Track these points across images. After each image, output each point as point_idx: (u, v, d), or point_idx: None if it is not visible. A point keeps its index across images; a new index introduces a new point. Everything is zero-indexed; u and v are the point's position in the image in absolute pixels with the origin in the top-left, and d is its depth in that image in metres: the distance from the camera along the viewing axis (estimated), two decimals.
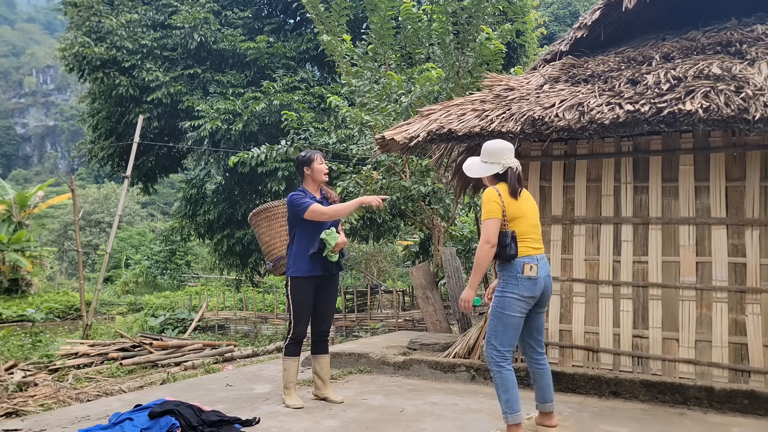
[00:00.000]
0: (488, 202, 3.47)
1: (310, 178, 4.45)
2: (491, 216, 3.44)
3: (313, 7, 8.90)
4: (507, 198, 3.50)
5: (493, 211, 3.44)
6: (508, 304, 3.44)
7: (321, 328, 4.53)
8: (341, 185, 8.52)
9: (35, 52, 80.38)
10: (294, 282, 4.33)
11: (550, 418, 3.69)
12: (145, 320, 14.36)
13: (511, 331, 3.47)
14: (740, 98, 4.04)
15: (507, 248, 3.42)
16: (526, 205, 3.59)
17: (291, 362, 4.39)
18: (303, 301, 4.34)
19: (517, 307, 3.44)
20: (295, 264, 4.34)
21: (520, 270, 3.44)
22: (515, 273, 3.45)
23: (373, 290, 15.00)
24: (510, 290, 3.45)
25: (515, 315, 3.45)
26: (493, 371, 3.49)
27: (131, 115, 15.26)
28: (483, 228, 3.46)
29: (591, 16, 5.83)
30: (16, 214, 21.91)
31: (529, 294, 3.46)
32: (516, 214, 3.50)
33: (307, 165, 4.44)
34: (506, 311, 3.45)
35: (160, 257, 27.32)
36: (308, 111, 13.27)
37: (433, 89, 7.81)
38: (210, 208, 15.91)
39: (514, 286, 3.45)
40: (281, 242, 4.49)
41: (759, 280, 4.51)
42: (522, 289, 3.44)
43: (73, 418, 4.18)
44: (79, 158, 36.21)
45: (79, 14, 15.36)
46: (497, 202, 3.46)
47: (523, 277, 3.44)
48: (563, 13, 29.03)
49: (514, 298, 3.44)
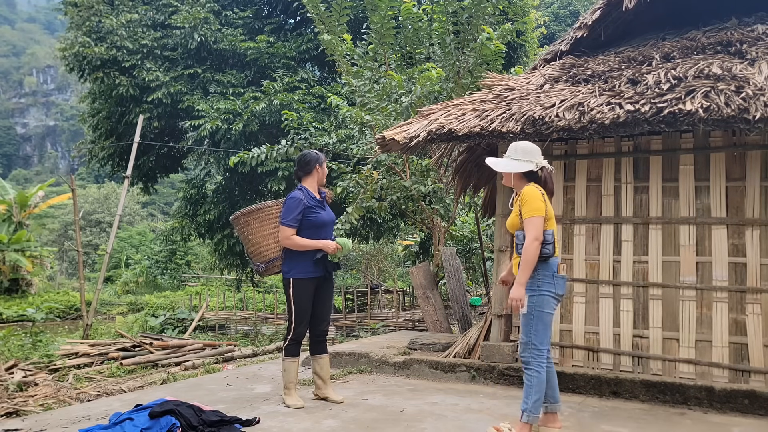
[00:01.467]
0: (534, 200, 3.49)
1: (315, 178, 4.47)
2: (539, 214, 3.47)
3: (314, 7, 8.90)
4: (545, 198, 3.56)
5: (540, 209, 3.48)
6: (546, 302, 3.51)
7: (320, 328, 4.53)
8: (341, 185, 8.52)
9: (35, 52, 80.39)
10: (297, 283, 4.32)
11: (555, 420, 3.71)
12: (146, 320, 14.37)
13: (549, 329, 3.56)
14: (740, 98, 4.04)
15: (550, 246, 3.49)
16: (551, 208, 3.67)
17: (291, 363, 4.39)
18: (305, 301, 4.34)
19: (553, 305, 3.55)
20: (299, 265, 4.33)
21: (555, 269, 3.53)
22: (552, 272, 3.52)
23: (373, 290, 15.00)
24: (547, 289, 3.51)
25: (551, 312, 3.55)
26: (531, 372, 3.50)
27: (131, 115, 15.25)
28: (531, 225, 3.45)
29: (591, 16, 5.83)
30: (16, 214, 21.92)
31: (562, 292, 3.58)
32: (551, 214, 3.57)
33: (320, 164, 4.50)
34: (545, 309, 3.52)
35: (160, 257, 27.32)
36: (308, 111, 13.27)
37: (434, 89, 7.80)
38: (210, 207, 15.91)
39: (550, 284, 3.52)
40: (275, 243, 4.45)
41: (759, 280, 4.51)
42: (558, 287, 3.54)
43: (74, 417, 4.18)
44: (80, 158, 36.19)
45: (79, 14, 15.34)
46: (542, 200, 3.50)
47: (558, 276, 3.54)
48: (563, 13, 29.03)
49: (551, 296, 3.52)
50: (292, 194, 4.38)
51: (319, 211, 4.39)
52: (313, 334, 4.54)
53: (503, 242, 5.42)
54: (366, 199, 8.15)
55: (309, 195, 4.38)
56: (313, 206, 4.36)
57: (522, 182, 3.62)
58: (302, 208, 4.29)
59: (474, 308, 9.69)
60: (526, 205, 3.50)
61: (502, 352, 5.19)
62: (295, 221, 4.26)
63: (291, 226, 4.26)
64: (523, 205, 3.52)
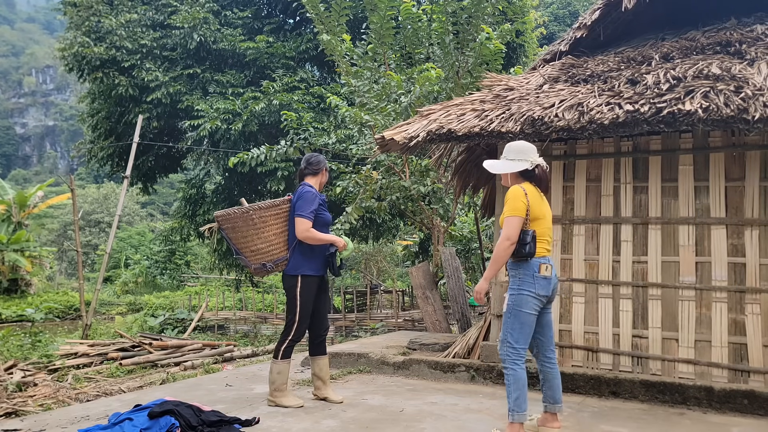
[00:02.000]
0: (514, 199, 3.50)
1: (318, 180, 4.48)
2: (516, 214, 3.48)
3: (313, 7, 8.90)
4: (532, 198, 3.54)
5: (518, 209, 3.48)
6: (525, 301, 3.50)
7: (321, 329, 4.51)
8: (341, 185, 8.52)
9: (35, 52, 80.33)
10: (305, 281, 4.28)
11: (555, 420, 3.71)
12: (145, 320, 14.37)
13: (527, 329, 3.53)
14: (740, 98, 4.04)
15: (527, 247, 3.47)
16: (546, 208, 3.65)
17: (286, 365, 4.34)
18: (309, 300, 4.31)
19: (532, 305, 3.52)
20: (309, 261, 4.29)
21: (536, 269, 3.51)
22: (532, 272, 3.51)
23: (373, 290, 15.01)
24: (526, 288, 3.51)
25: (530, 313, 3.52)
26: (507, 369, 3.52)
27: (131, 115, 15.25)
28: (506, 224, 3.49)
29: (590, 16, 5.84)
30: (15, 214, 21.90)
31: (544, 293, 3.54)
32: (538, 215, 3.55)
33: (325, 168, 4.53)
34: (523, 309, 3.51)
35: (159, 257, 27.31)
36: (308, 111, 13.27)
37: (433, 89, 7.81)
38: (210, 208, 15.90)
39: (530, 284, 3.51)
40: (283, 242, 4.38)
41: (758, 280, 4.51)
42: (538, 287, 3.51)
43: (73, 418, 4.18)
44: (79, 158, 36.21)
45: (78, 14, 15.34)
46: (523, 201, 3.50)
47: (539, 276, 3.51)
48: (563, 13, 29.02)
49: (530, 295, 3.51)
50: (306, 188, 4.33)
51: (326, 209, 4.42)
52: (314, 335, 4.51)
53: None
54: (365, 199, 8.15)
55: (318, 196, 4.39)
56: (323, 203, 4.39)
57: (518, 181, 3.63)
58: (318, 202, 4.30)
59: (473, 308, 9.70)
60: (506, 205, 3.54)
61: None
62: (313, 214, 4.23)
63: (309, 218, 4.20)
64: (505, 204, 3.57)
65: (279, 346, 4.33)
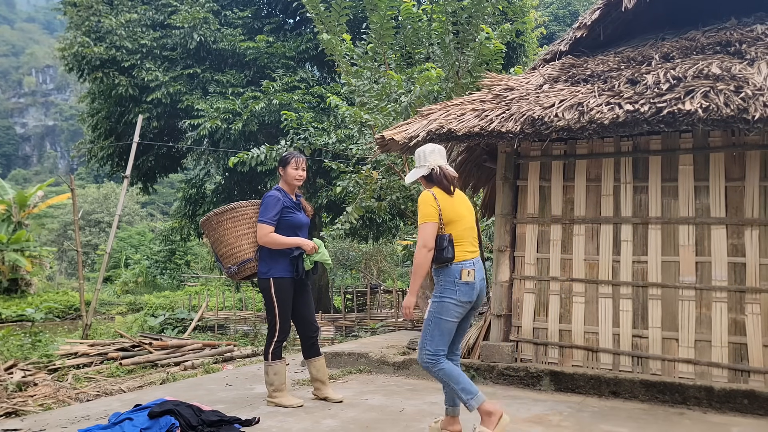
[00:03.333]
0: (423, 205, 3.43)
1: (283, 180, 4.47)
2: (427, 220, 3.39)
3: (313, 7, 8.89)
4: (443, 201, 3.46)
5: (429, 215, 3.39)
6: (447, 309, 3.40)
7: (310, 330, 4.54)
8: (341, 185, 8.52)
9: (35, 52, 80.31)
10: (278, 282, 4.32)
11: (456, 423, 3.61)
12: (145, 320, 14.36)
13: (446, 336, 3.44)
14: (740, 98, 4.04)
15: (444, 251, 3.36)
16: (462, 208, 3.56)
17: (280, 365, 4.38)
18: (287, 300, 4.34)
19: (454, 313, 3.41)
20: (277, 264, 4.32)
21: (458, 275, 3.39)
22: (453, 278, 3.40)
23: (373, 290, 15.00)
24: (448, 296, 3.40)
25: (451, 320, 3.42)
26: (432, 372, 3.44)
27: (131, 114, 15.24)
28: (420, 232, 3.39)
29: (590, 16, 5.84)
30: (15, 213, 21.89)
31: (467, 299, 3.43)
32: (452, 217, 3.45)
33: (282, 166, 4.46)
34: (444, 317, 3.40)
35: (159, 257, 27.30)
36: (308, 111, 13.26)
37: (433, 89, 7.80)
38: (210, 207, 15.88)
39: (452, 291, 3.40)
40: (248, 244, 4.41)
41: (758, 280, 4.51)
42: (460, 294, 3.40)
43: (73, 417, 4.18)
44: (79, 158, 36.19)
45: (78, 14, 15.33)
46: (433, 206, 3.41)
47: (461, 283, 3.40)
48: (563, 13, 29.02)
49: (452, 303, 3.40)
50: (269, 193, 4.39)
51: (296, 212, 4.41)
52: (305, 338, 4.54)
53: (503, 242, 5.43)
54: (365, 199, 8.14)
55: (286, 196, 4.40)
56: (290, 206, 4.37)
57: (428, 186, 3.55)
58: (280, 206, 4.30)
59: None
60: (418, 212, 3.45)
61: (502, 352, 5.19)
62: (274, 219, 4.26)
63: (269, 223, 4.25)
64: (418, 211, 3.48)
65: (267, 348, 4.37)
